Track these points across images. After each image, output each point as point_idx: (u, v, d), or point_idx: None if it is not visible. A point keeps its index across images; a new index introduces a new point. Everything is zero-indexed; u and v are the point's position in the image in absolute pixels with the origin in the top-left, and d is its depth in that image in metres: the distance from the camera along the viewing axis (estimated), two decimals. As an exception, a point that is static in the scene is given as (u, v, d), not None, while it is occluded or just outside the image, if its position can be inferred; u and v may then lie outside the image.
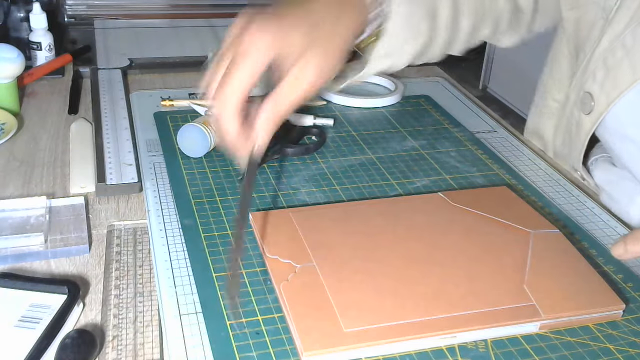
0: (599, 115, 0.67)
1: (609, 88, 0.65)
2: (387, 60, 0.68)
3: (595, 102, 0.67)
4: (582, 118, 0.69)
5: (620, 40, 0.64)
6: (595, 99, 0.67)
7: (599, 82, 0.66)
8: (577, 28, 0.74)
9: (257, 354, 0.47)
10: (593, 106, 0.67)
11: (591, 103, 0.67)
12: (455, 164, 0.75)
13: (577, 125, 0.71)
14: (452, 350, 0.49)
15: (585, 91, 0.68)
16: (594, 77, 0.67)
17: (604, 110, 0.66)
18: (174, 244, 0.59)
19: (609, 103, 0.65)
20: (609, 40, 0.66)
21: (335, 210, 0.63)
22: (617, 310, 0.53)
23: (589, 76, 0.68)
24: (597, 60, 0.67)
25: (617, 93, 0.64)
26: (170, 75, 0.98)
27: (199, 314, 0.51)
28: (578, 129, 0.70)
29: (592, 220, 0.66)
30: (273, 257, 0.55)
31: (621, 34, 0.64)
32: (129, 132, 0.78)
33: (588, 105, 0.68)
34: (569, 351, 0.49)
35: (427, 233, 0.59)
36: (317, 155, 0.75)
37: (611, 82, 0.65)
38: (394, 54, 0.68)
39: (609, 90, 0.65)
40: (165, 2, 1.27)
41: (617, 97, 0.64)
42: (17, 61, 0.82)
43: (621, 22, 0.65)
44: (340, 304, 0.50)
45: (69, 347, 0.46)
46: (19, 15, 1.09)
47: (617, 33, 0.65)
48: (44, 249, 0.58)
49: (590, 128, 0.68)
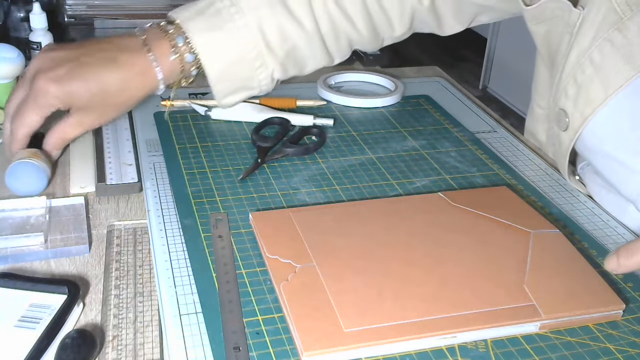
0: (575, 131, 0.66)
1: (582, 105, 0.64)
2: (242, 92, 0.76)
3: (569, 118, 0.66)
4: (560, 134, 0.68)
5: (588, 56, 0.63)
6: (570, 116, 0.66)
7: (572, 98, 0.65)
8: (547, 42, 0.73)
9: (257, 354, 0.47)
10: (568, 122, 0.66)
11: (566, 119, 0.66)
12: (455, 164, 0.75)
13: (558, 141, 0.70)
14: (452, 350, 0.49)
15: (560, 108, 0.67)
16: (566, 94, 0.66)
17: (580, 126, 0.65)
18: (174, 244, 0.59)
19: (583, 120, 0.64)
20: (576, 55, 0.64)
21: (335, 210, 0.63)
22: (617, 310, 0.53)
23: (562, 93, 0.67)
24: (567, 77, 0.66)
25: (590, 110, 0.63)
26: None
27: (199, 314, 0.51)
28: (559, 144, 0.70)
29: (592, 220, 0.66)
30: (273, 257, 0.55)
31: (588, 49, 0.63)
32: (129, 132, 0.78)
33: (563, 122, 0.67)
34: (569, 351, 0.49)
35: (427, 233, 0.59)
36: (317, 155, 0.75)
37: (583, 99, 0.64)
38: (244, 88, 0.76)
39: (582, 108, 0.64)
40: (165, 2, 1.27)
41: (591, 114, 0.63)
42: (17, 61, 0.82)
43: (586, 37, 0.63)
44: (340, 304, 0.50)
45: (69, 347, 0.46)
46: (19, 15, 1.09)
47: (584, 48, 0.63)
48: (44, 249, 0.58)
49: (568, 145, 0.67)
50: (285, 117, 0.80)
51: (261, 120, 0.80)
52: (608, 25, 0.61)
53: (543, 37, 0.73)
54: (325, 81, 0.92)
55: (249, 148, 0.75)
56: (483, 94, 3.09)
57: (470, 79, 3.18)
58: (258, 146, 0.74)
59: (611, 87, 0.61)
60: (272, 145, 0.74)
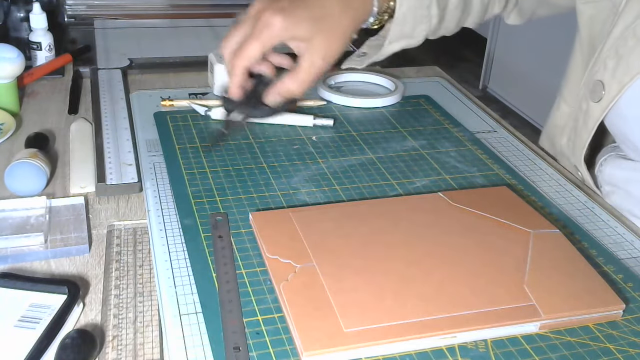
0: (609, 101, 0.68)
1: (620, 74, 0.67)
2: (402, 41, 0.77)
3: (605, 89, 0.68)
4: (591, 107, 0.70)
5: (632, 29, 0.66)
6: (606, 87, 0.68)
7: (610, 70, 0.68)
8: (590, 25, 0.75)
9: (257, 354, 0.47)
10: (603, 94, 0.69)
11: (602, 92, 0.69)
12: (455, 164, 0.75)
13: (585, 116, 0.72)
14: (452, 350, 0.49)
15: (597, 80, 0.70)
16: (605, 66, 0.69)
17: (616, 95, 0.67)
18: (174, 244, 0.59)
19: (620, 89, 0.67)
20: (620, 30, 0.67)
21: (336, 210, 0.63)
22: (617, 310, 0.53)
23: (600, 66, 0.69)
24: (608, 50, 0.68)
25: (629, 78, 0.66)
26: (170, 75, 0.98)
27: (199, 314, 0.51)
28: (586, 118, 0.71)
29: (592, 220, 0.66)
30: (273, 257, 0.55)
31: (632, 23, 0.66)
32: (129, 132, 0.78)
33: (598, 93, 0.69)
34: (569, 351, 0.49)
35: (427, 233, 0.59)
36: (317, 155, 0.75)
37: (623, 69, 0.66)
38: (407, 36, 0.77)
39: (621, 77, 0.67)
40: (165, 2, 1.27)
41: (630, 82, 0.66)
42: (17, 61, 0.82)
43: (631, 13, 0.66)
44: (340, 304, 0.50)
45: (69, 347, 0.46)
46: (19, 15, 1.09)
47: (628, 23, 0.66)
48: (44, 249, 0.58)
49: (599, 115, 0.69)
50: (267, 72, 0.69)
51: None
52: None
53: (587, 20, 0.75)
54: (325, 81, 0.92)
55: (249, 148, 0.75)
56: (483, 94, 3.09)
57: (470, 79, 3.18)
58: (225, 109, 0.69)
59: None
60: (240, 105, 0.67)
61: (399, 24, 0.75)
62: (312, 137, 0.79)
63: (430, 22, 0.77)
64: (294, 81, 0.65)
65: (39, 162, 0.67)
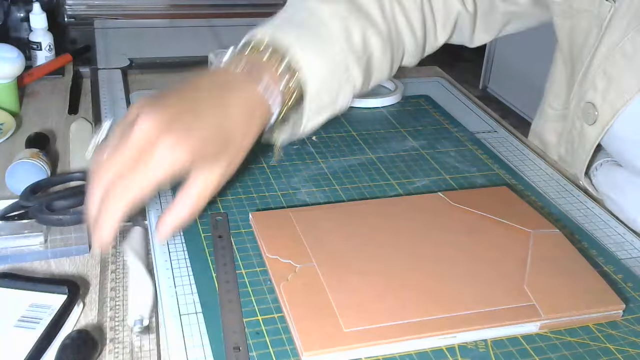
0: (604, 124, 0.65)
1: (613, 97, 0.64)
2: (324, 113, 0.66)
3: (598, 112, 0.66)
4: (585, 128, 0.68)
5: (620, 48, 0.63)
6: (599, 109, 0.66)
7: (601, 92, 0.65)
8: (571, 38, 0.72)
9: (257, 354, 0.47)
10: (597, 116, 0.66)
11: (594, 113, 0.66)
12: (455, 164, 0.75)
13: (580, 136, 0.69)
14: (452, 350, 0.49)
15: (587, 101, 0.67)
16: (595, 88, 0.66)
17: (610, 119, 0.65)
18: (174, 244, 0.59)
19: (614, 113, 0.64)
20: (607, 48, 0.64)
21: (335, 210, 0.63)
22: (617, 310, 0.53)
23: (589, 87, 0.67)
24: (596, 70, 0.66)
25: (622, 102, 0.63)
26: (170, 75, 0.98)
27: (199, 314, 0.51)
28: (582, 139, 0.69)
29: (592, 220, 0.66)
30: (273, 257, 0.55)
31: (619, 41, 0.63)
32: (129, 132, 0.78)
33: (591, 115, 0.67)
34: (569, 351, 0.49)
35: (427, 233, 0.59)
36: (317, 155, 0.75)
37: (615, 92, 0.64)
38: (329, 105, 0.65)
39: (613, 100, 0.64)
40: (165, 2, 1.27)
41: (623, 106, 0.63)
42: (17, 61, 0.82)
43: (618, 30, 0.63)
44: (340, 304, 0.50)
45: (69, 348, 0.46)
46: (19, 15, 1.09)
47: (615, 41, 0.63)
48: (44, 249, 0.58)
49: (595, 138, 0.67)
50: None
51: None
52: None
53: (567, 32, 0.73)
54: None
55: (249, 148, 0.75)
56: (483, 94, 3.09)
57: (470, 79, 3.18)
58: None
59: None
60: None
61: (313, 100, 0.63)
62: (312, 137, 0.79)
63: (353, 84, 0.66)
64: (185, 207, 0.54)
65: (40, 162, 0.67)
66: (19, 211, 0.61)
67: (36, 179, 0.65)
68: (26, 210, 0.61)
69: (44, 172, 0.67)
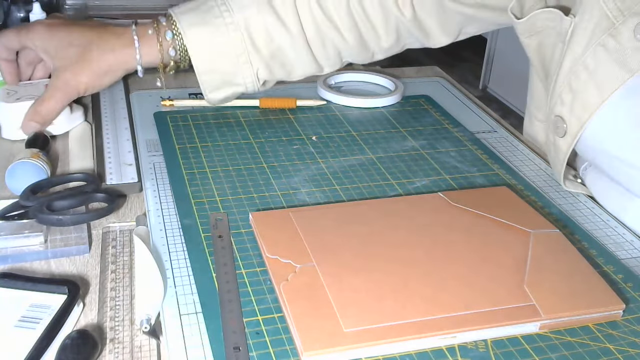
0: (573, 137, 0.66)
1: (578, 111, 0.65)
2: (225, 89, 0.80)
3: (567, 125, 0.66)
4: (557, 140, 0.69)
5: (582, 62, 0.63)
6: (567, 122, 0.66)
7: (568, 105, 0.66)
8: (540, 54, 0.73)
9: (257, 354, 0.47)
10: (566, 129, 0.67)
11: (563, 126, 0.67)
12: (455, 164, 0.75)
13: (554, 148, 0.70)
14: (452, 350, 0.49)
15: (556, 115, 0.68)
16: (562, 101, 0.66)
17: (577, 131, 0.65)
18: (174, 244, 0.59)
19: (580, 125, 0.65)
20: (570, 63, 0.65)
21: (335, 210, 0.63)
22: (617, 310, 0.53)
23: (557, 100, 0.67)
24: (562, 84, 0.66)
25: (587, 115, 0.64)
26: (170, 75, 0.97)
27: (199, 314, 0.51)
28: (556, 151, 0.70)
29: (592, 220, 0.66)
30: (273, 257, 0.55)
31: (581, 55, 0.64)
32: (129, 132, 0.78)
33: (561, 128, 0.67)
34: (569, 351, 0.49)
35: (427, 233, 0.59)
36: (317, 155, 0.75)
37: (579, 105, 0.64)
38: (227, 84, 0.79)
39: (580, 113, 0.65)
40: (165, 2, 1.27)
41: (588, 119, 0.64)
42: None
43: (579, 44, 0.64)
44: (340, 304, 0.50)
45: (69, 348, 0.46)
46: (19, 15, 1.09)
47: (577, 55, 0.64)
48: (44, 249, 0.58)
49: (566, 150, 0.68)
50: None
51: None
52: (601, 31, 0.62)
53: (535, 49, 0.74)
54: (325, 81, 0.92)
55: (249, 148, 0.75)
56: (483, 94, 3.09)
57: (470, 79, 3.18)
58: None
59: (606, 90, 0.62)
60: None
61: (204, 74, 0.78)
62: (312, 137, 0.79)
63: (253, 67, 0.78)
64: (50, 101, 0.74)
65: (40, 162, 0.67)
66: (19, 211, 0.61)
67: (36, 179, 0.65)
68: (26, 210, 0.61)
69: (44, 172, 0.67)
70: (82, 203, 0.63)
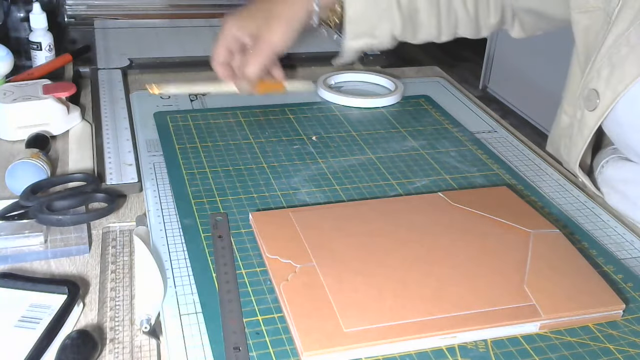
0: (604, 110, 0.67)
1: (615, 83, 0.66)
2: (362, 39, 0.84)
3: (600, 98, 0.68)
4: (585, 115, 0.70)
5: (625, 37, 0.65)
6: (601, 95, 0.68)
7: (604, 78, 0.67)
8: (586, 36, 0.74)
9: (257, 354, 0.47)
10: (598, 103, 0.68)
11: (596, 100, 0.68)
12: (455, 164, 0.75)
13: (580, 124, 0.71)
14: (452, 350, 0.49)
15: (591, 88, 0.69)
16: (599, 75, 0.68)
17: (610, 104, 0.67)
18: (174, 244, 0.59)
19: (615, 97, 0.66)
20: (613, 38, 0.67)
21: (335, 210, 0.63)
22: (617, 310, 0.53)
23: (594, 75, 0.69)
24: (602, 59, 0.68)
25: (623, 86, 0.65)
26: (170, 75, 0.98)
27: (199, 314, 0.51)
28: (581, 127, 0.71)
29: (592, 220, 0.66)
30: (273, 257, 0.55)
31: (625, 31, 0.65)
32: (129, 132, 0.78)
33: (593, 102, 0.69)
34: (569, 351, 0.49)
35: (427, 233, 0.59)
36: (317, 155, 0.75)
37: (617, 77, 0.66)
38: (367, 35, 0.84)
39: (615, 85, 0.66)
40: (165, 2, 1.27)
41: (624, 90, 0.65)
42: (6, 59, 0.83)
43: (624, 21, 0.66)
44: (340, 304, 0.50)
45: (69, 348, 0.46)
46: (19, 15, 1.09)
47: (621, 31, 0.66)
48: (44, 249, 0.58)
49: (594, 124, 0.69)
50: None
51: None
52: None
53: (583, 29, 0.75)
54: (325, 81, 0.92)
55: (249, 148, 0.75)
56: (483, 94, 3.09)
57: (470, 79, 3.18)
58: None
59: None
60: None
61: (352, 22, 0.82)
62: (312, 137, 0.79)
63: (392, 24, 0.83)
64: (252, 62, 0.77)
65: (40, 162, 0.67)
66: (19, 211, 0.61)
67: (36, 179, 0.65)
68: (26, 210, 0.61)
69: (44, 172, 0.67)
70: (82, 203, 0.63)
